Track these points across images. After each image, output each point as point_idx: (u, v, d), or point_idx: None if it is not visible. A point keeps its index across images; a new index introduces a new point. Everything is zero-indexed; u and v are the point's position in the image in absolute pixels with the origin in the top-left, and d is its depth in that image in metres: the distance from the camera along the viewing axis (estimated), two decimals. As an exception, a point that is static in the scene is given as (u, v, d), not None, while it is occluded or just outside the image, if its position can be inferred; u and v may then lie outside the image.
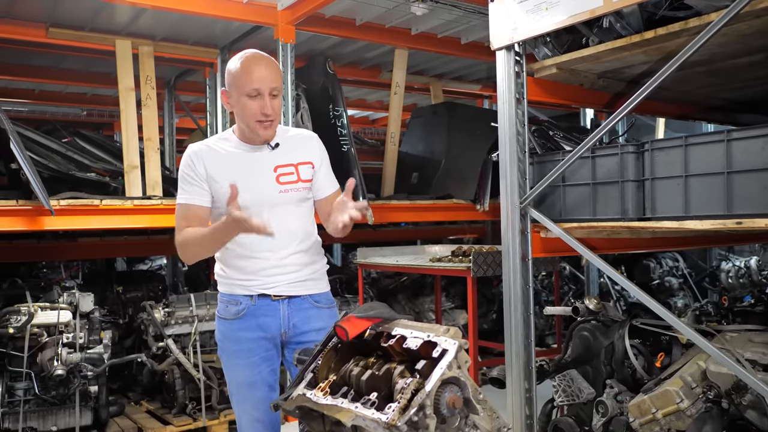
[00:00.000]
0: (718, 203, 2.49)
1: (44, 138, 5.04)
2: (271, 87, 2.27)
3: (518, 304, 3.11)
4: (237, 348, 2.39)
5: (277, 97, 2.30)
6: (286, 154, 2.41)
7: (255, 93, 2.26)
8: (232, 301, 2.39)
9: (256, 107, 2.26)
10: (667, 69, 2.50)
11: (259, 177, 2.35)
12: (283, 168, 2.38)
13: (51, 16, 4.87)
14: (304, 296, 2.42)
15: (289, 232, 2.37)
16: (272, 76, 2.28)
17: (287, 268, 2.38)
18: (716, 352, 2.34)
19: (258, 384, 2.40)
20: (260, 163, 2.37)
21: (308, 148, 2.47)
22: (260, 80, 2.25)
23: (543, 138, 3.79)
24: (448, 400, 1.67)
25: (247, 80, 2.26)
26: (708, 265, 6.87)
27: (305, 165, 2.42)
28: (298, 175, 2.40)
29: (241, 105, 2.29)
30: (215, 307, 4.68)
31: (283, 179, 2.37)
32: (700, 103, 4.10)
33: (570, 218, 3.10)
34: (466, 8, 4.87)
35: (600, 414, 2.98)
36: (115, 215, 4.11)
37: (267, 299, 2.37)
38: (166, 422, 4.42)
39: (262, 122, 2.29)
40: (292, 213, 2.39)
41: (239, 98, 2.28)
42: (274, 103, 2.28)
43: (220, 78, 5.84)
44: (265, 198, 2.34)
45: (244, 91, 2.26)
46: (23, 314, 3.87)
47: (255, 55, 2.35)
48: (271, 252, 2.35)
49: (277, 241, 2.33)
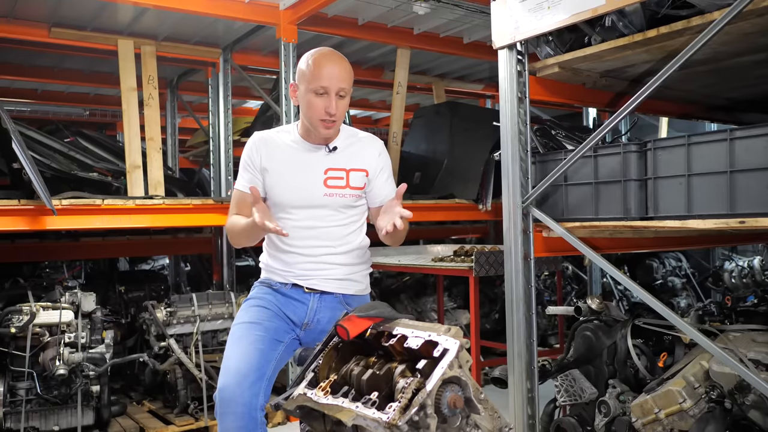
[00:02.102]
0: (721, 202, 2.47)
1: (47, 138, 5.06)
2: (339, 87, 2.26)
3: (520, 304, 3.10)
4: (258, 302, 2.39)
5: (344, 98, 2.30)
6: (341, 158, 2.41)
7: (322, 91, 2.25)
8: (267, 283, 2.45)
9: (321, 105, 2.26)
10: (669, 68, 2.48)
11: (307, 177, 2.38)
12: (333, 172, 2.40)
13: (53, 15, 4.88)
14: (336, 294, 2.43)
15: (327, 234, 2.40)
16: (342, 76, 2.27)
17: (321, 266, 2.41)
18: (719, 351, 2.33)
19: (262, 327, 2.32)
20: (313, 163, 2.40)
21: (367, 155, 2.46)
22: (329, 79, 2.24)
23: (545, 137, 3.78)
24: (449, 399, 1.66)
25: (316, 77, 2.25)
26: (711, 265, 6.84)
27: (358, 172, 2.42)
28: (348, 181, 2.40)
29: (306, 101, 2.29)
30: (217, 307, 4.77)
31: (331, 183, 2.38)
32: (703, 102, 4.08)
33: (572, 218, 3.08)
34: (468, 7, 4.86)
35: (602, 414, 2.97)
36: (117, 215, 4.12)
37: (300, 290, 2.41)
38: (168, 422, 4.42)
39: (324, 121, 2.29)
40: (333, 217, 2.41)
41: (306, 94, 2.28)
42: (340, 104, 2.28)
43: (222, 78, 5.84)
44: (307, 198, 2.38)
45: (312, 87, 2.26)
46: (25, 314, 3.87)
47: (328, 53, 2.33)
48: (307, 249, 2.40)
49: (314, 240, 2.39)
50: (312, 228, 2.40)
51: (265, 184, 2.40)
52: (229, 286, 5.67)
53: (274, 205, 2.41)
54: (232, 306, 4.80)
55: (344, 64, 2.32)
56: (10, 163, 4.02)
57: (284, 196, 2.38)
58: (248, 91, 7.23)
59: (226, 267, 5.86)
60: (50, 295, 4.19)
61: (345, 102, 2.31)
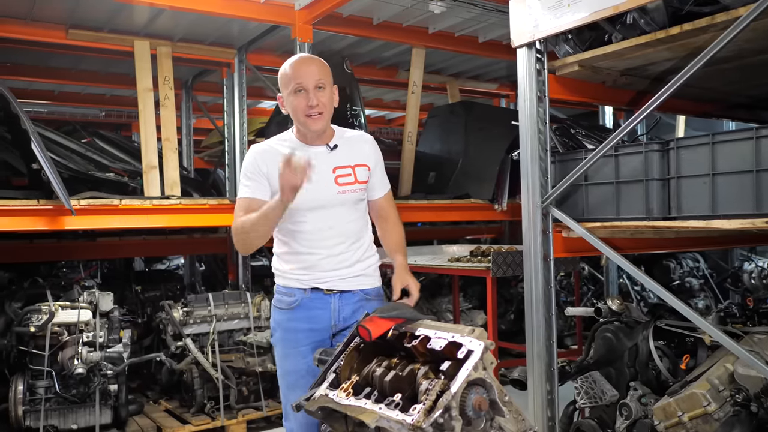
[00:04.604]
0: (746, 202, 2.44)
1: (64, 138, 5.08)
2: (315, 80, 2.37)
3: (540, 305, 3.07)
4: (288, 337, 2.47)
5: (323, 89, 2.38)
6: (344, 155, 2.49)
7: (300, 88, 2.36)
8: (287, 292, 2.48)
9: (302, 102, 2.36)
10: (694, 65, 2.45)
11: (318, 177, 2.39)
12: (341, 169, 2.47)
13: (71, 17, 4.90)
14: (355, 291, 2.48)
15: (344, 231, 2.47)
16: (314, 71, 2.39)
17: (340, 264, 2.45)
18: (745, 354, 2.29)
19: (304, 372, 2.43)
20: (320, 164, 2.41)
21: (364, 150, 2.56)
22: (303, 75, 2.36)
23: (564, 136, 3.74)
24: (474, 401, 1.64)
25: (292, 77, 2.38)
26: (730, 266, 6.76)
27: (362, 167, 2.51)
28: (355, 176, 2.48)
29: (290, 103, 2.40)
30: (233, 307, 4.77)
31: (342, 180, 2.45)
32: (724, 100, 4.03)
33: (593, 218, 3.05)
34: (484, 6, 4.83)
35: (624, 416, 2.94)
36: (134, 215, 4.12)
37: (320, 293, 2.45)
38: (184, 421, 4.43)
39: (310, 115, 2.37)
40: (347, 213, 2.48)
41: (289, 97, 2.39)
42: (320, 95, 2.37)
43: (237, 78, 5.84)
44: (323, 198, 2.43)
45: (291, 88, 2.37)
46: (44, 313, 3.90)
47: (299, 56, 2.49)
48: (327, 249, 2.44)
49: (333, 240, 2.44)
50: (329, 228, 2.44)
51: (274, 192, 2.39)
52: (245, 286, 5.68)
53: (289, 212, 2.39)
54: (248, 306, 4.80)
55: (314, 60, 2.45)
56: (29, 164, 4.04)
57: (298, 200, 2.34)
58: (263, 91, 7.23)
59: (242, 267, 5.85)
60: (68, 295, 4.21)
61: (326, 93, 2.40)
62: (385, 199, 2.62)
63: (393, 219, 2.64)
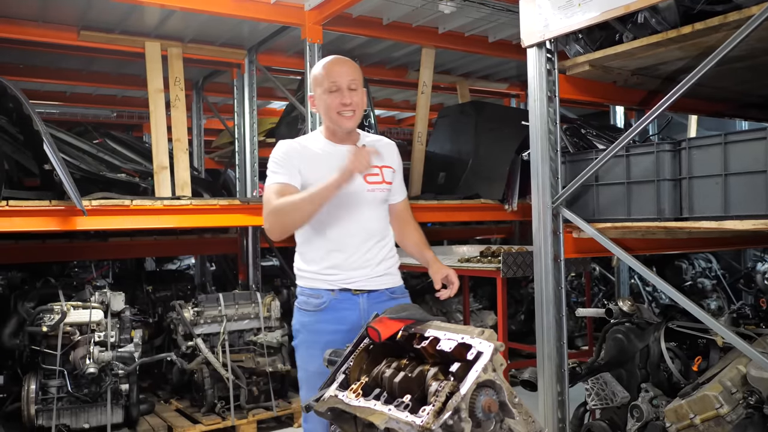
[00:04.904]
0: (759, 202, 2.41)
1: (76, 139, 5.11)
2: (349, 80, 2.43)
3: (550, 306, 3.06)
4: (315, 339, 2.44)
5: (356, 90, 2.44)
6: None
7: (334, 87, 2.41)
8: (314, 294, 2.46)
9: (336, 100, 2.41)
10: (705, 65, 2.43)
11: None
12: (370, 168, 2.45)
13: (82, 19, 4.93)
14: (381, 290, 2.50)
15: (371, 230, 2.49)
16: (348, 71, 2.45)
17: (368, 262, 2.47)
18: (758, 356, 2.27)
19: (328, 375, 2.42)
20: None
21: (389, 153, 2.61)
22: (337, 74, 2.42)
23: (575, 136, 3.72)
24: (484, 403, 1.64)
25: (326, 76, 2.43)
26: (743, 267, 6.70)
27: (388, 168, 2.56)
28: (383, 176, 2.53)
29: (323, 101, 2.44)
30: (243, 307, 4.78)
31: (371, 179, 2.49)
32: (737, 99, 4.00)
33: (603, 218, 3.04)
34: (494, 6, 4.82)
35: (635, 418, 2.92)
36: (145, 215, 4.14)
37: (348, 293, 2.45)
38: (195, 421, 4.44)
39: (341, 113, 2.42)
40: (374, 212, 2.52)
41: (322, 95, 2.44)
42: (353, 95, 2.43)
43: (247, 79, 5.86)
44: (353, 196, 2.44)
45: (325, 86, 2.43)
46: (56, 313, 3.92)
47: (334, 57, 2.54)
48: (354, 247, 2.45)
49: (360, 238, 2.46)
50: (357, 226, 2.46)
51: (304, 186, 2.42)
52: (255, 286, 5.69)
53: None
54: (258, 306, 4.81)
55: (348, 62, 2.51)
56: (41, 165, 4.06)
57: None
58: (273, 91, 7.25)
59: (252, 267, 5.87)
60: (80, 295, 4.24)
61: (359, 94, 2.46)
62: (404, 203, 2.68)
63: (413, 222, 2.70)
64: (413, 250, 2.68)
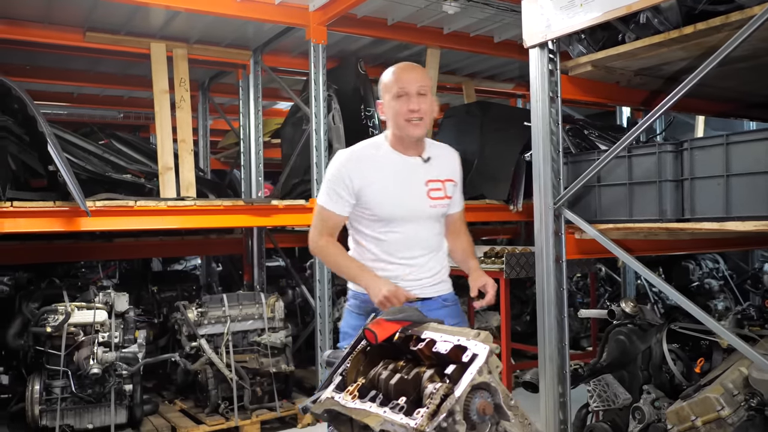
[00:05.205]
0: (761, 203, 2.40)
1: (81, 140, 5.13)
2: (418, 86, 2.38)
3: (552, 307, 3.04)
4: None
5: (425, 96, 2.40)
6: (436, 169, 2.51)
7: (402, 93, 2.38)
8: (368, 299, 2.41)
9: (404, 106, 2.37)
10: (707, 65, 2.42)
11: (412, 190, 2.44)
12: (433, 183, 2.49)
13: (87, 20, 4.95)
14: (435, 298, 2.50)
15: (429, 243, 2.49)
16: (418, 77, 2.42)
17: (423, 273, 2.48)
18: (759, 358, 2.25)
19: None
20: (414, 175, 2.46)
21: (452, 165, 2.59)
22: (406, 81, 2.39)
23: (577, 137, 3.71)
24: (479, 406, 1.63)
25: (395, 82, 2.41)
26: (750, 267, 6.66)
27: (450, 182, 2.55)
28: (445, 191, 2.51)
29: (391, 108, 2.41)
30: (247, 308, 4.79)
31: (434, 194, 2.48)
32: (742, 99, 3.97)
33: (605, 219, 3.03)
34: (498, 6, 4.80)
35: (637, 420, 2.90)
36: (149, 216, 4.16)
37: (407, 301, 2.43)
38: (199, 421, 4.46)
39: (410, 120, 2.38)
40: (433, 226, 2.51)
41: (390, 101, 2.41)
42: (422, 101, 2.39)
43: (252, 79, 5.88)
44: (416, 211, 2.45)
45: (393, 92, 2.40)
46: (60, 313, 3.95)
47: (402, 63, 2.51)
48: (411, 259, 2.45)
49: (418, 251, 2.46)
50: (416, 240, 2.45)
51: (365, 198, 2.42)
52: (260, 287, 5.70)
53: (377, 220, 2.43)
54: (263, 307, 4.82)
55: (418, 68, 2.50)
56: (46, 166, 4.09)
57: (391, 211, 2.41)
58: (279, 92, 7.25)
59: (257, 268, 5.89)
60: (84, 295, 4.26)
61: (428, 101, 2.41)
62: (460, 213, 2.65)
63: (465, 232, 2.68)
64: (459, 257, 2.67)
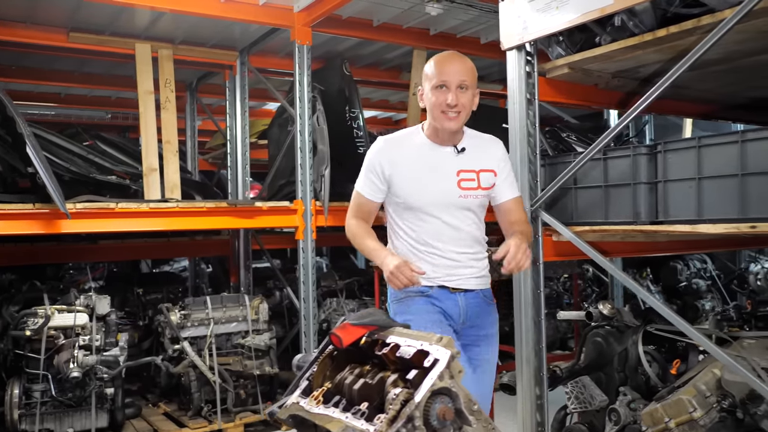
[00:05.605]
0: (732, 206, 2.40)
1: (65, 141, 5.12)
2: (459, 80, 2.35)
3: (528, 309, 3.05)
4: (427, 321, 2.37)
5: (466, 90, 2.36)
6: (470, 159, 2.47)
7: (442, 84, 2.35)
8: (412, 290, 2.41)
9: (442, 99, 2.34)
10: (678, 68, 2.42)
11: (441, 179, 2.42)
12: (465, 173, 2.44)
13: (72, 20, 4.94)
14: (477, 291, 2.48)
15: (462, 235, 2.44)
16: (460, 70, 2.37)
17: (463, 264, 2.44)
18: (729, 360, 2.26)
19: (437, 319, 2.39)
20: (444, 165, 2.43)
21: (492, 155, 2.52)
22: (447, 73, 2.35)
23: (555, 139, 3.71)
24: (439, 411, 1.62)
25: (437, 73, 2.37)
26: (737, 267, 6.67)
27: (487, 173, 2.47)
28: (479, 182, 2.45)
29: (429, 98, 2.39)
30: (231, 310, 4.77)
31: (465, 185, 2.43)
32: (723, 101, 3.98)
33: (582, 221, 3.03)
34: (482, 7, 4.81)
35: (613, 422, 2.91)
36: (131, 218, 4.14)
37: (446, 290, 2.43)
38: (181, 425, 4.44)
39: (446, 113, 2.35)
40: (468, 217, 2.46)
41: (430, 91, 2.39)
42: (461, 96, 2.35)
43: (239, 80, 5.86)
44: (444, 201, 2.41)
45: (434, 83, 2.37)
46: (40, 317, 3.92)
47: (447, 53, 2.47)
48: (451, 251, 2.42)
49: (455, 241, 2.42)
50: (452, 230, 2.42)
51: (396, 185, 2.42)
52: (246, 289, 5.69)
53: (408, 209, 2.43)
54: (246, 309, 4.81)
55: (463, 60, 2.43)
56: (26, 167, 4.07)
57: (421, 198, 2.40)
58: (267, 93, 7.22)
59: (243, 269, 5.87)
60: (65, 298, 4.24)
61: (468, 95, 2.37)
62: (513, 202, 2.52)
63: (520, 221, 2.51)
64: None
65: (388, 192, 2.46)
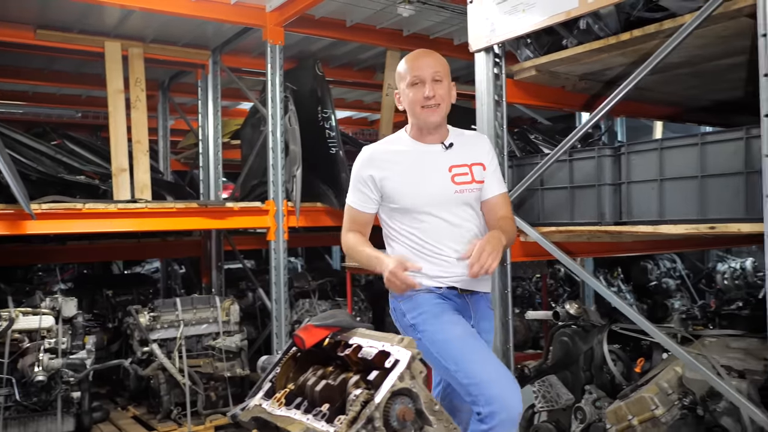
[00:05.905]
0: (692, 207, 2.45)
1: (32, 140, 5.03)
2: (433, 72, 2.34)
3: (496, 309, 3.06)
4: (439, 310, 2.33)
5: (441, 82, 2.35)
6: (459, 154, 2.44)
7: (417, 80, 2.35)
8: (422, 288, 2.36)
9: (419, 94, 2.34)
10: (640, 71, 2.46)
11: (434, 177, 2.39)
12: (458, 168, 2.41)
13: (39, 17, 4.85)
14: (482, 294, 2.46)
15: (462, 232, 2.39)
16: (432, 63, 2.37)
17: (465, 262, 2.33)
18: (688, 358, 2.30)
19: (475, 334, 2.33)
20: (435, 163, 2.41)
21: (479, 148, 2.50)
22: (420, 68, 2.35)
23: (523, 141, 3.74)
24: (399, 412, 1.63)
25: (408, 70, 2.37)
26: (705, 267, 6.79)
27: (478, 166, 2.44)
28: (472, 175, 2.42)
29: (407, 97, 2.38)
30: (202, 312, 4.73)
31: (459, 179, 2.40)
32: (688, 104, 4.05)
33: (548, 222, 3.06)
34: (453, 9, 4.82)
35: (578, 420, 2.94)
36: (98, 219, 4.09)
37: (455, 291, 2.39)
38: (150, 428, 4.39)
39: (426, 107, 2.34)
40: (467, 212, 2.42)
41: (405, 90, 2.38)
42: (437, 88, 2.34)
43: (211, 80, 5.81)
44: (441, 198, 2.38)
45: (408, 81, 2.36)
46: (4, 319, 3.85)
47: (416, 50, 2.47)
48: (454, 249, 2.36)
49: (457, 239, 2.37)
50: (453, 227, 2.38)
51: (388, 191, 2.39)
52: (218, 290, 5.65)
53: (405, 212, 2.39)
54: (217, 310, 4.77)
55: (433, 53, 2.44)
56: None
57: (417, 200, 2.36)
58: (240, 92, 7.19)
59: (215, 270, 5.83)
60: (30, 301, 4.16)
61: (444, 86, 2.37)
62: (499, 198, 2.46)
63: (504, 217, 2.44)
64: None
65: (382, 200, 2.42)
